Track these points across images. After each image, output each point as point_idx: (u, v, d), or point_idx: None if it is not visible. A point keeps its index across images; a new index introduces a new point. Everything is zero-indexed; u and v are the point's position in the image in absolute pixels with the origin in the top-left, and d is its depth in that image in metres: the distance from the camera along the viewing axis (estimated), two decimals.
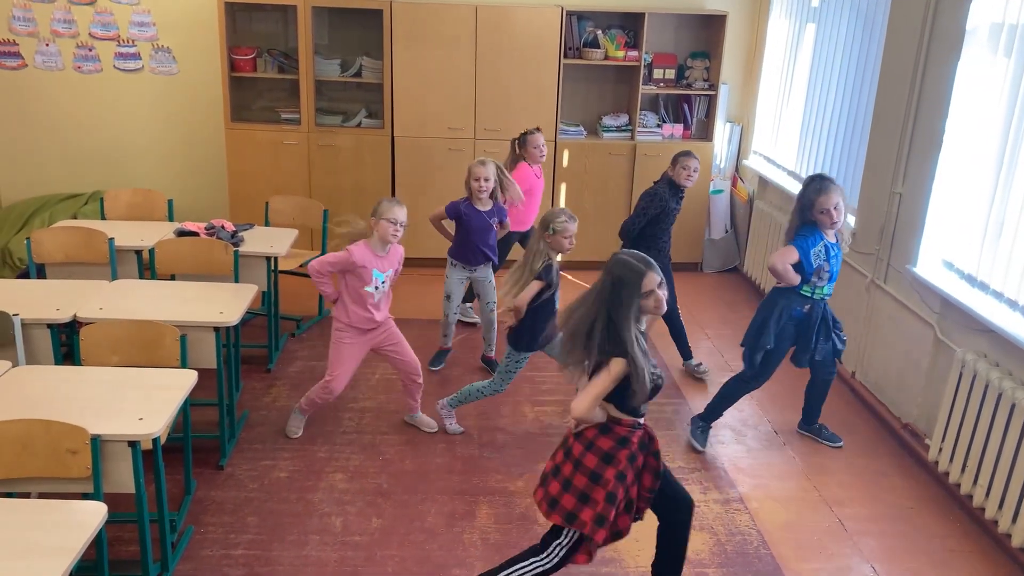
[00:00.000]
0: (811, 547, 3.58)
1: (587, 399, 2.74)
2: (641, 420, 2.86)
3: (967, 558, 3.54)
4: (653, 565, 3.16)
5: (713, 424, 4.37)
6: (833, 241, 4.01)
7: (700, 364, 5.11)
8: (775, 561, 3.47)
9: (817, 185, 3.91)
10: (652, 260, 2.78)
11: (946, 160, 4.18)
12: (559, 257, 4.03)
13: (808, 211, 3.95)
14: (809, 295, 4.03)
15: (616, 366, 2.71)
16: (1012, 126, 3.77)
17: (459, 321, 5.30)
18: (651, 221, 4.75)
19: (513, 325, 4.01)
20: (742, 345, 4.20)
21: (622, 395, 2.77)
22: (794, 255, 3.94)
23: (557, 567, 2.92)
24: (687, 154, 4.78)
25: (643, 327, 2.81)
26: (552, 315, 3.89)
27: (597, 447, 2.80)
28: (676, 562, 3.11)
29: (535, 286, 3.89)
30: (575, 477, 2.80)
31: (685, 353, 5.14)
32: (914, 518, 3.80)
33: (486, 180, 4.60)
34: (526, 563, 2.93)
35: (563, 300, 3.34)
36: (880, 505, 3.89)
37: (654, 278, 2.73)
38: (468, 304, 5.65)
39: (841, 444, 4.34)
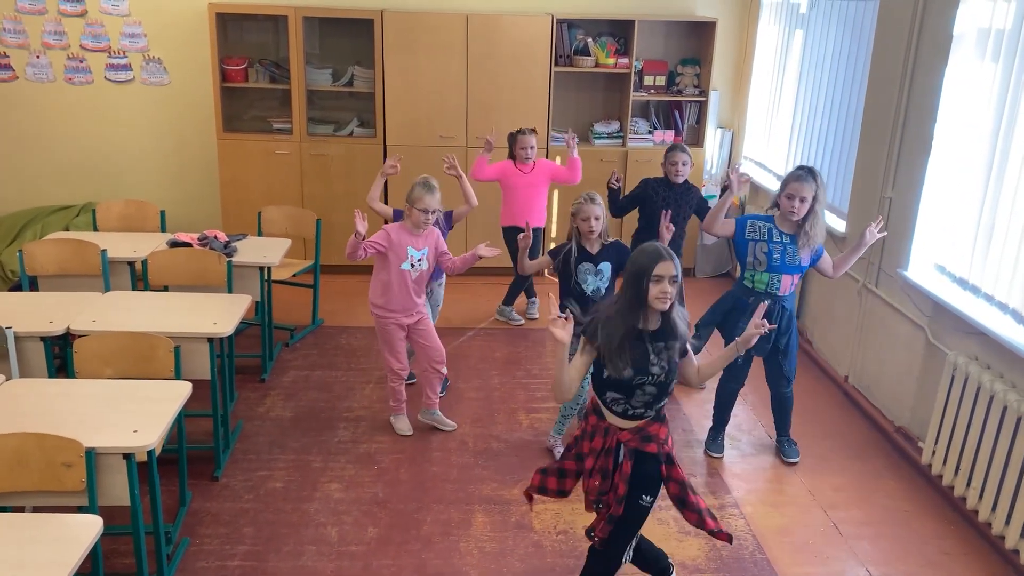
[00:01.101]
0: (806, 551, 3.59)
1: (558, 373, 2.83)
2: (609, 415, 2.88)
3: (962, 561, 3.55)
4: None
5: (723, 432, 4.39)
6: (788, 232, 3.95)
7: None
8: (770, 566, 3.48)
9: (798, 172, 3.92)
10: (672, 253, 2.77)
11: (936, 164, 4.21)
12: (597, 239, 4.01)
13: (779, 192, 3.97)
14: (751, 286, 4.03)
15: (583, 346, 2.84)
16: (1001, 130, 3.80)
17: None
18: (641, 211, 5.00)
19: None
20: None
21: (594, 380, 2.90)
22: (731, 224, 4.02)
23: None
24: (672, 148, 4.96)
25: (648, 325, 2.79)
26: (583, 302, 3.89)
27: None
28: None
29: (543, 261, 4.21)
30: None
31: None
32: (908, 521, 3.81)
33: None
34: None
35: None
36: (874, 508, 3.90)
37: (668, 267, 2.72)
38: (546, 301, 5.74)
39: (795, 461, 4.27)
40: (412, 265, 4.08)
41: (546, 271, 4.37)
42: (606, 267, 3.97)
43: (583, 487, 2.96)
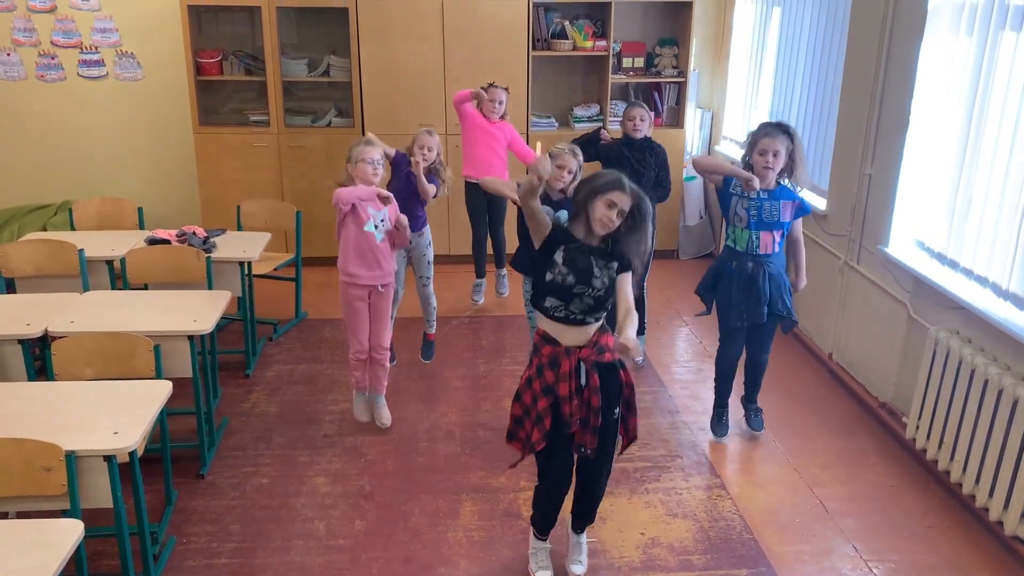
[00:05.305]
0: (793, 529, 3.61)
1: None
2: (556, 328, 2.94)
3: (946, 534, 3.58)
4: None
5: (727, 410, 4.34)
6: (764, 188, 3.86)
7: (642, 356, 5.17)
8: (758, 546, 3.49)
9: (767, 128, 3.87)
10: (636, 188, 2.83)
11: (913, 140, 4.21)
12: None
13: (749, 150, 3.90)
14: (733, 245, 3.97)
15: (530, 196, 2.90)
16: (976, 104, 3.80)
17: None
18: (603, 167, 4.83)
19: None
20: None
21: (534, 289, 2.96)
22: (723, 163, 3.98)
23: (541, 478, 3.16)
24: (629, 105, 4.90)
25: (593, 241, 2.89)
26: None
27: None
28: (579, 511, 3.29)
29: (510, 190, 4.01)
30: None
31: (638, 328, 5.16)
32: (894, 496, 3.84)
33: (429, 150, 4.44)
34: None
35: None
36: (860, 485, 3.92)
37: (620, 197, 2.80)
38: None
39: (760, 432, 4.30)
40: (376, 227, 3.97)
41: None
42: (564, 215, 3.80)
43: (564, 412, 2.95)
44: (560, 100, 6.84)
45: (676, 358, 5.24)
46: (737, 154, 6.44)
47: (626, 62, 6.62)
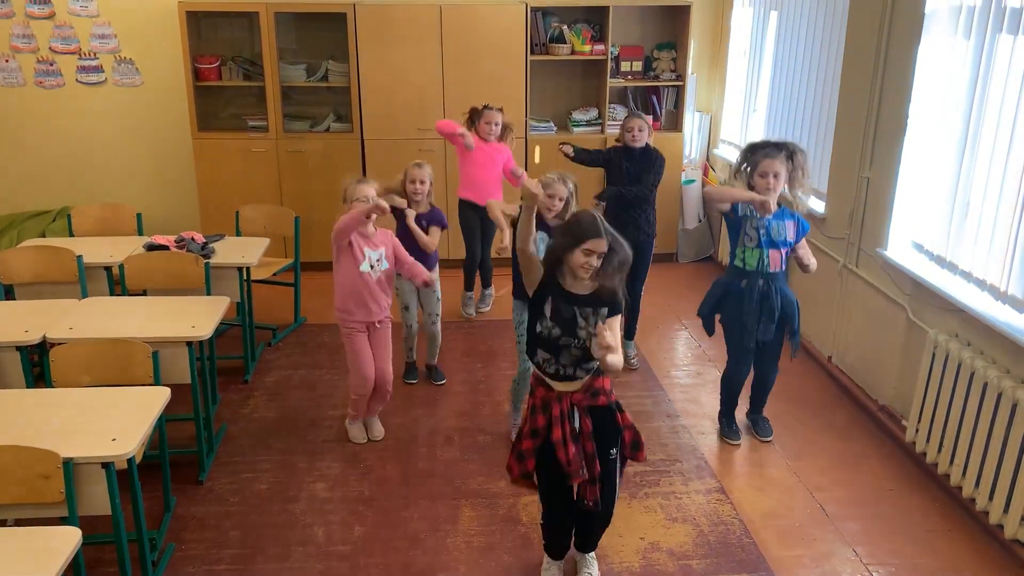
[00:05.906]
0: (793, 534, 3.61)
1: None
2: (549, 380, 2.99)
3: (947, 537, 3.57)
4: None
5: (735, 418, 4.37)
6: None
7: (635, 357, 5.17)
8: (758, 550, 3.49)
9: (767, 151, 3.91)
10: (615, 235, 2.86)
11: (911, 143, 4.21)
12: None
13: (750, 173, 3.94)
14: (742, 266, 4.01)
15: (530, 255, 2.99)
16: (973, 107, 3.81)
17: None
18: (606, 176, 4.93)
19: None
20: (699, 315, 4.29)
21: (528, 337, 3.02)
22: (734, 191, 4.00)
23: (544, 512, 3.23)
24: (628, 115, 4.93)
25: (575, 288, 2.93)
26: None
27: None
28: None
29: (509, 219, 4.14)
30: None
31: (628, 332, 5.19)
32: (894, 500, 3.83)
33: (422, 183, 4.51)
34: None
35: None
36: (860, 488, 3.92)
37: (596, 243, 2.83)
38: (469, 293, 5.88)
39: (769, 439, 4.31)
40: (371, 266, 3.95)
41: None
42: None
43: (562, 459, 2.96)
44: (558, 104, 6.84)
45: (675, 362, 5.23)
46: (736, 157, 6.44)
47: (624, 66, 6.62)
